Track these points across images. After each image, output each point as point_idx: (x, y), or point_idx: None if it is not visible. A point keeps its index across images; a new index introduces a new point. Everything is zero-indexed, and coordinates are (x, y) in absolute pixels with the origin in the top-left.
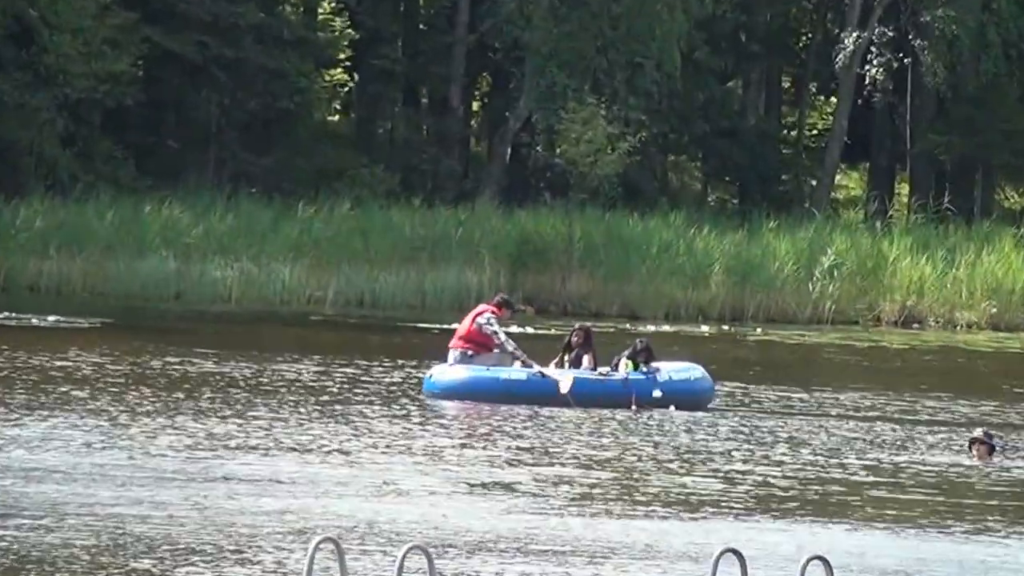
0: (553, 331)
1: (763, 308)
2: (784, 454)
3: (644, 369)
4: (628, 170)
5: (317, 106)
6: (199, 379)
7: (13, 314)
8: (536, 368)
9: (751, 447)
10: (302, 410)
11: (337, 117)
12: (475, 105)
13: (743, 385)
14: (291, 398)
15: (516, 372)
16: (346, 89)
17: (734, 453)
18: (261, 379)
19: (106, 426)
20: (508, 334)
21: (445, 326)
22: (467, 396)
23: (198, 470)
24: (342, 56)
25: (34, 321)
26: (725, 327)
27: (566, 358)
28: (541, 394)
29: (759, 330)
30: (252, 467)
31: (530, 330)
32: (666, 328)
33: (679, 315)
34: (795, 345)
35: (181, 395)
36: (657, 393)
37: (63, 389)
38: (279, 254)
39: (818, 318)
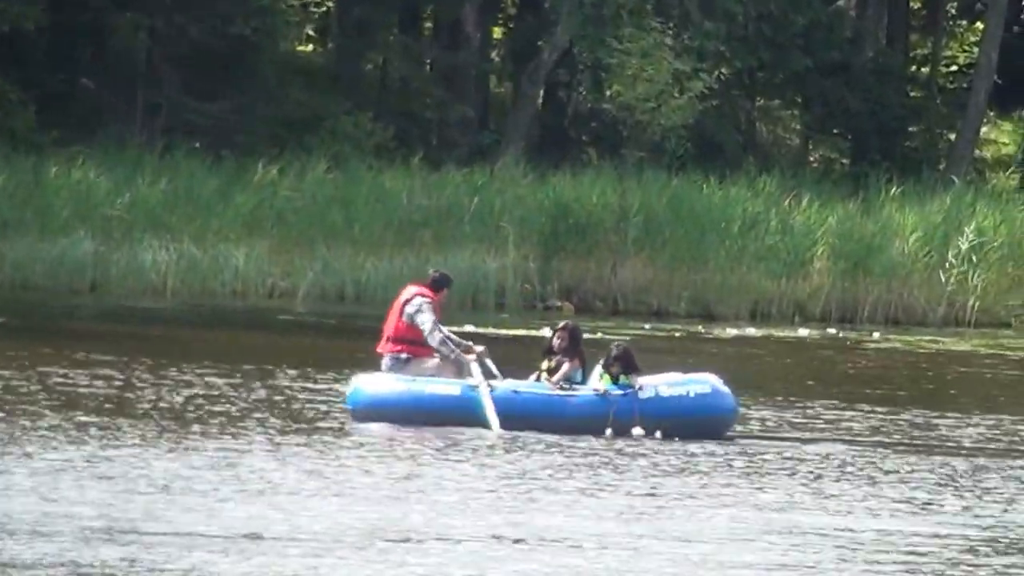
0: (600, 335)
1: (882, 305)
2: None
3: (625, 381)
4: (702, 119)
5: (283, 33)
6: (115, 402)
7: None
8: (478, 376)
9: (903, 500)
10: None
11: (310, 48)
12: (496, 32)
13: (860, 408)
14: (235, 428)
15: (447, 385)
16: (322, 9)
17: (861, 512)
18: (199, 401)
19: None
20: (441, 326)
21: (456, 328)
22: (391, 415)
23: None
24: None
25: None
26: (831, 330)
27: (548, 366)
28: (480, 412)
29: (877, 334)
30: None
31: None
32: (751, 331)
33: (769, 314)
34: (926, 354)
35: (91, 425)
36: (638, 431)
37: None
38: (230, 232)
39: (956, 318)
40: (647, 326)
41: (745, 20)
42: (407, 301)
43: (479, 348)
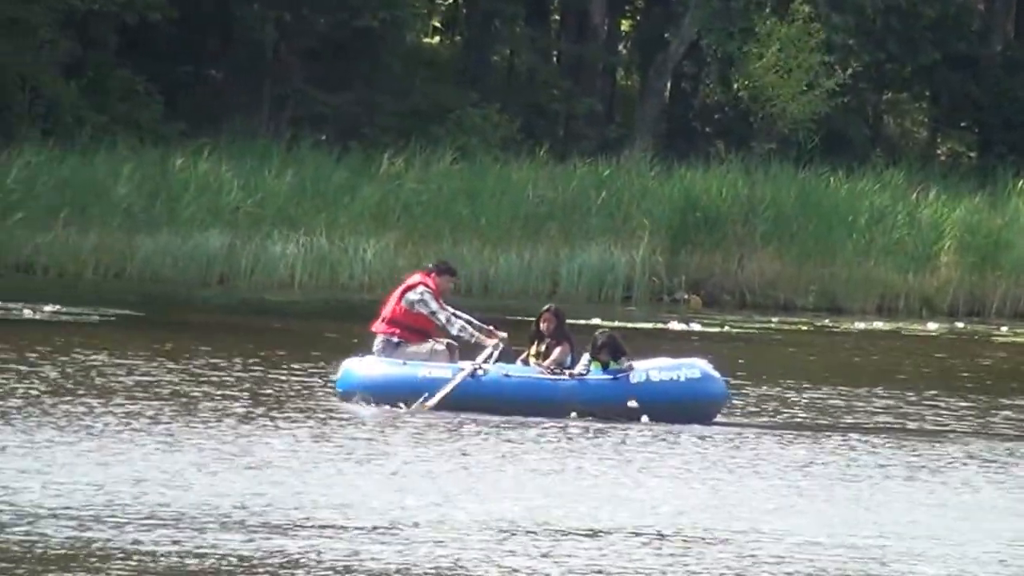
0: (727, 328)
1: (1010, 299)
2: None
3: (615, 367)
4: (830, 112)
5: (410, 25)
6: (247, 393)
7: None
8: (471, 366)
9: None
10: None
11: (437, 40)
12: (624, 24)
13: (999, 403)
14: (370, 419)
15: (439, 369)
16: (449, 1)
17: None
18: (326, 391)
19: (113, 458)
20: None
21: (582, 321)
22: (381, 397)
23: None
24: None
25: (27, 312)
26: (959, 324)
27: (537, 351)
28: (474, 396)
29: (1005, 328)
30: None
31: (696, 327)
32: (878, 325)
33: (896, 308)
34: None
35: (218, 417)
36: (632, 403)
37: (55, 403)
38: (358, 225)
39: None
40: (774, 320)
41: (873, 13)
42: (410, 287)
43: (502, 334)
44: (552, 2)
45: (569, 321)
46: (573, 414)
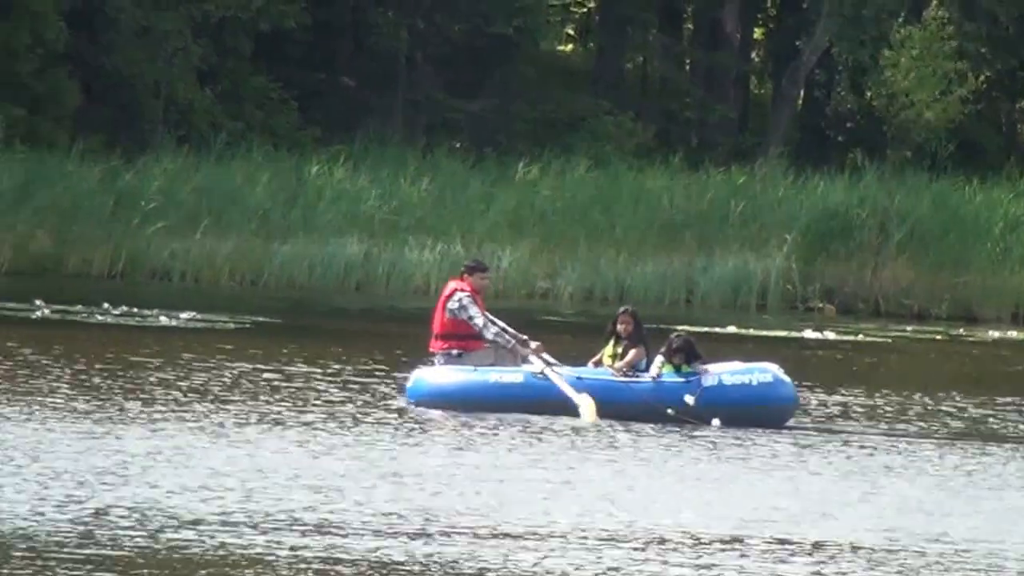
0: (861, 337)
1: None
2: None
3: (688, 370)
4: (964, 121)
5: (544, 32)
6: (387, 399)
7: (135, 309)
8: (539, 363)
9: None
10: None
11: (571, 47)
12: (756, 32)
13: None
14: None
15: (510, 373)
16: (583, 9)
17: None
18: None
19: (250, 461)
20: (490, 316)
21: (718, 329)
22: (453, 404)
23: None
24: None
25: (162, 319)
26: None
27: (614, 352)
28: (545, 399)
29: None
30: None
31: (830, 335)
32: (1013, 334)
33: None
34: None
35: (361, 423)
36: (689, 399)
37: (192, 406)
38: (493, 232)
39: None
40: (908, 328)
41: (1006, 21)
42: (448, 297)
43: (534, 344)
44: (685, 10)
45: (704, 329)
46: (669, 411)
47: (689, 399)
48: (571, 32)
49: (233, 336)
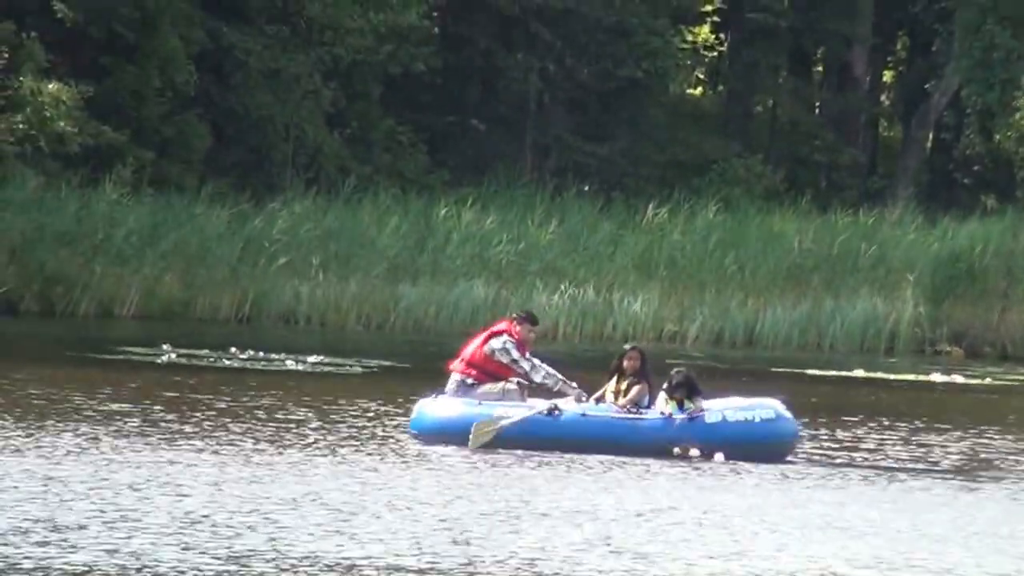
0: (988, 380)
1: None
2: None
3: (691, 407)
4: None
5: (674, 75)
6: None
7: (261, 353)
8: (573, 404)
9: None
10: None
11: (699, 91)
12: (886, 75)
13: None
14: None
15: (514, 408)
16: (713, 53)
17: None
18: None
19: (410, 508)
20: (536, 359)
21: (846, 373)
22: (455, 437)
23: None
24: (708, 8)
25: (289, 363)
26: None
27: (617, 388)
28: (549, 437)
29: None
30: None
31: (957, 378)
32: None
33: None
34: None
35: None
36: (719, 456)
37: (335, 454)
38: (622, 275)
39: None
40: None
41: None
42: (494, 334)
43: (576, 391)
44: (815, 52)
45: (832, 372)
46: (676, 450)
47: (695, 451)
48: (700, 75)
49: (362, 380)
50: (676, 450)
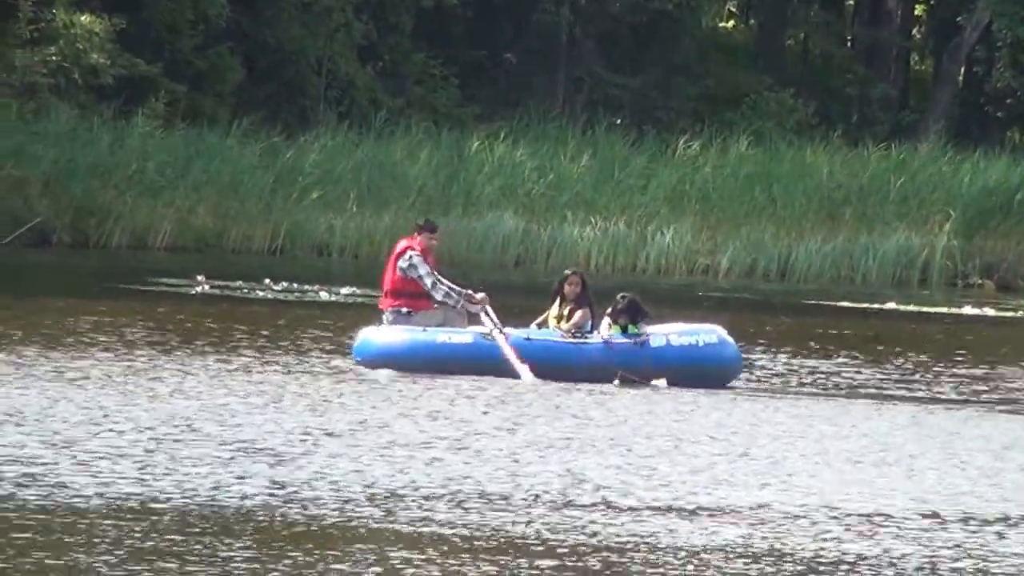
0: (1020, 313)
1: None
2: None
3: (635, 332)
4: None
5: (705, 8)
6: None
7: (295, 285)
8: (489, 324)
9: None
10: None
11: (731, 24)
12: (917, 8)
13: None
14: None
15: (459, 334)
16: None
17: None
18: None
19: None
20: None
21: (878, 305)
22: (400, 364)
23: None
24: None
25: (323, 295)
26: None
27: (560, 313)
28: (493, 361)
29: None
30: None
31: (989, 311)
32: None
33: None
34: None
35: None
36: (661, 382)
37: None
38: (654, 209)
39: None
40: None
41: None
42: (399, 255)
43: (480, 295)
44: None
45: (864, 305)
46: (617, 381)
47: (661, 383)
48: (732, 8)
49: None
50: (616, 381)
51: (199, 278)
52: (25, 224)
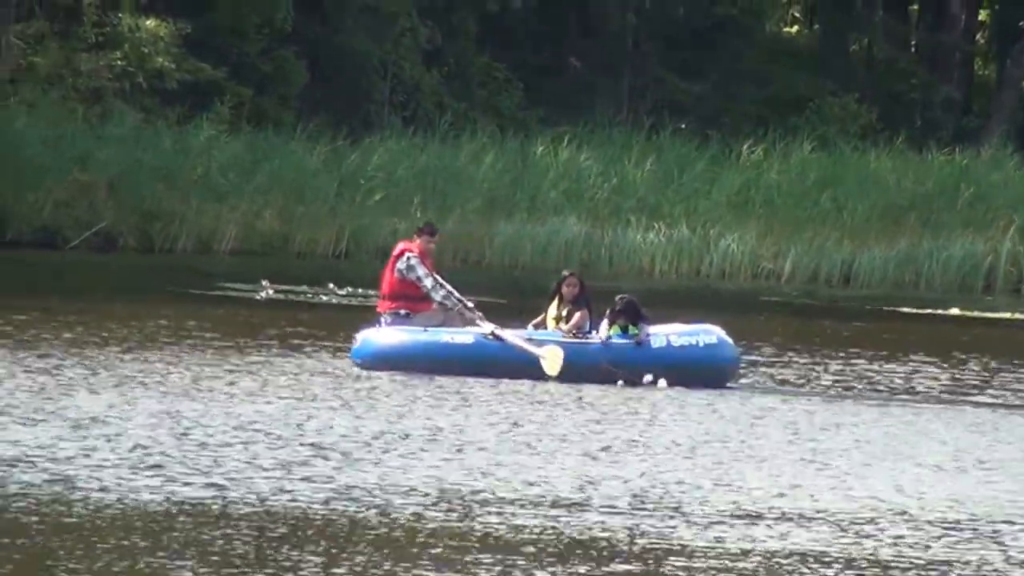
0: None
1: None
2: None
3: (636, 332)
4: None
5: (769, 13)
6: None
7: (359, 290)
8: (488, 326)
9: None
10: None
11: (795, 29)
12: (981, 13)
13: None
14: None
15: (460, 335)
16: None
17: None
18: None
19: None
20: (437, 279)
21: (942, 311)
22: (401, 365)
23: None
24: None
25: None
26: None
27: (558, 314)
28: (495, 361)
29: None
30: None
31: None
32: None
33: None
34: None
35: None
36: (662, 383)
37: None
38: (718, 214)
39: None
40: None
41: None
42: (397, 257)
43: (479, 313)
44: None
45: (928, 311)
46: (620, 382)
47: (649, 377)
48: (796, 13)
49: None
50: (617, 372)
51: (264, 283)
52: (91, 228)
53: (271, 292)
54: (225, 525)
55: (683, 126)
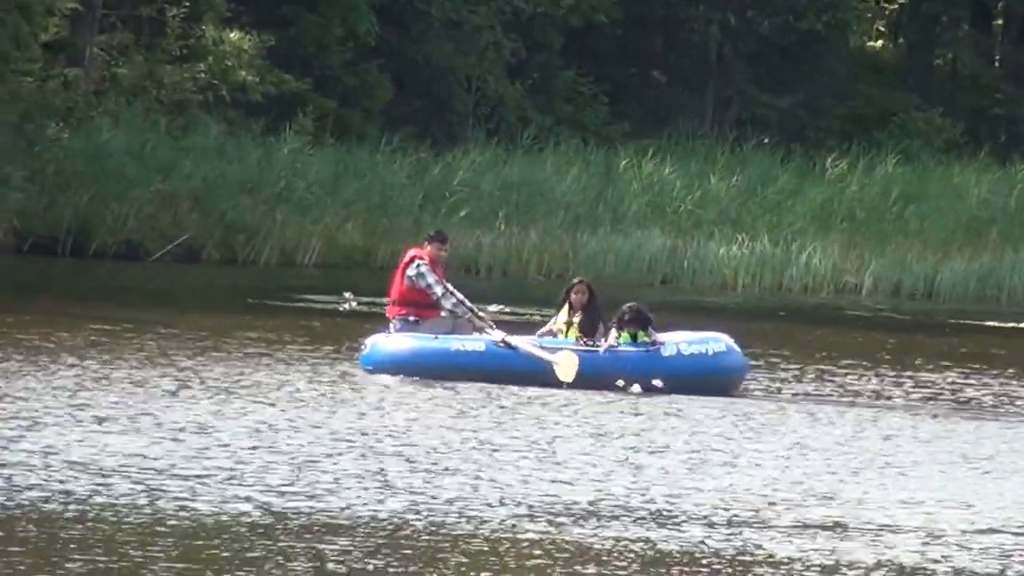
0: None
1: None
2: None
3: (646, 340)
4: None
5: (854, 27)
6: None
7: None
8: (498, 333)
9: None
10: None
11: (880, 43)
12: None
13: None
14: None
15: (471, 341)
16: (894, 5)
17: None
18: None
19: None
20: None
21: (986, 323)
22: (410, 371)
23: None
24: None
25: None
26: None
27: (569, 320)
28: (506, 369)
29: None
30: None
31: None
32: None
33: None
34: None
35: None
36: (658, 383)
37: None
38: (801, 227)
39: None
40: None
41: None
42: (407, 264)
43: (490, 320)
44: (996, 5)
45: (1011, 324)
46: (620, 382)
47: (658, 383)
48: (881, 28)
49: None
50: (636, 387)
51: (347, 295)
52: (174, 240)
53: (354, 304)
54: (313, 539)
55: (766, 140)
